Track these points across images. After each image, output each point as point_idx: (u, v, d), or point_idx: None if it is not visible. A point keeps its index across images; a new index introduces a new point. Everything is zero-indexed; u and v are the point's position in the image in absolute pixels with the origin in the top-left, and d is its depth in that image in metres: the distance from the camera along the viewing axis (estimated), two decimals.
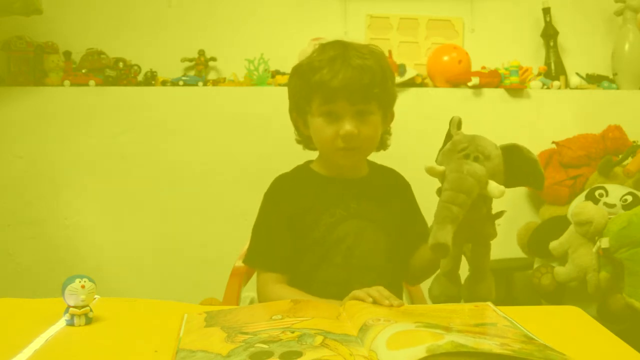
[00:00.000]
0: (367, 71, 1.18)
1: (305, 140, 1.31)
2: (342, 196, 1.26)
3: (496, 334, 0.85)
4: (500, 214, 1.12)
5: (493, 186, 1.04)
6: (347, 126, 1.18)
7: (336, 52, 1.20)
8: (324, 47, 1.23)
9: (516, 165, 1.10)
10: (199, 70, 2.47)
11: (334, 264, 1.23)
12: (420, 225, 1.34)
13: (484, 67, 2.48)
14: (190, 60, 2.47)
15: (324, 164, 1.30)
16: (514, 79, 2.39)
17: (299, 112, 1.28)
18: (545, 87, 2.46)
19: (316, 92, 1.19)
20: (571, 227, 2.03)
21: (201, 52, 2.46)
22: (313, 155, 1.35)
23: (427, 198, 1.35)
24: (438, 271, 1.18)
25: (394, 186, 1.34)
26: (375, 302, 0.98)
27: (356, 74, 1.17)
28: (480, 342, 0.76)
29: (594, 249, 1.96)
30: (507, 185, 1.07)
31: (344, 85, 1.16)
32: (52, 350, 0.84)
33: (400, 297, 1.27)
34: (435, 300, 1.17)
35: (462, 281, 1.17)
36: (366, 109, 1.20)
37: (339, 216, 1.24)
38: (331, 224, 1.23)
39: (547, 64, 2.54)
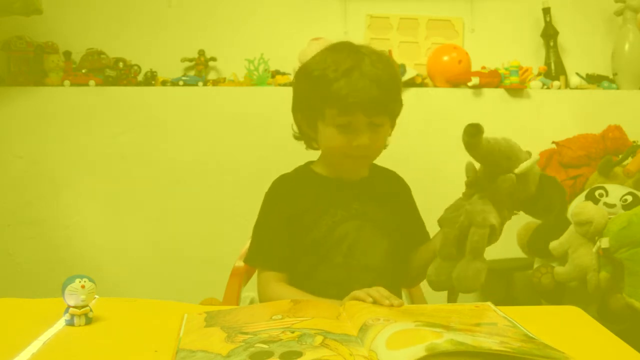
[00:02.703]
0: (384, 85, 1.18)
1: (307, 139, 1.31)
2: (343, 197, 1.26)
3: (496, 333, 0.85)
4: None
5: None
6: (363, 139, 1.19)
7: (352, 62, 1.17)
8: (337, 56, 1.20)
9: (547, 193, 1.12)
10: (199, 70, 2.47)
11: (335, 264, 1.23)
12: (419, 227, 1.34)
13: (484, 67, 2.48)
14: (190, 60, 2.47)
15: (326, 165, 1.30)
16: (514, 79, 2.39)
17: (306, 116, 1.27)
18: (545, 87, 2.46)
19: (332, 103, 1.18)
20: (571, 227, 2.03)
21: (201, 52, 2.47)
22: (314, 155, 1.34)
23: (427, 198, 1.36)
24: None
25: (394, 188, 1.35)
26: (375, 302, 0.98)
27: (374, 88, 1.16)
28: (480, 341, 0.76)
29: (594, 249, 1.96)
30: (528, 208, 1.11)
31: (362, 100, 1.16)
32: (52, 350, 0.84)
33: (400, 297, 1.27)
34: (433, 284, 1.16)
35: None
36: (379, 121, 1.20)
37: (340, 217, 1.24)
38: (332, 224, 1.24)
39: (547, 64, 2.54)
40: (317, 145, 1.29)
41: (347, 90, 1.15)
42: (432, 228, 1.31)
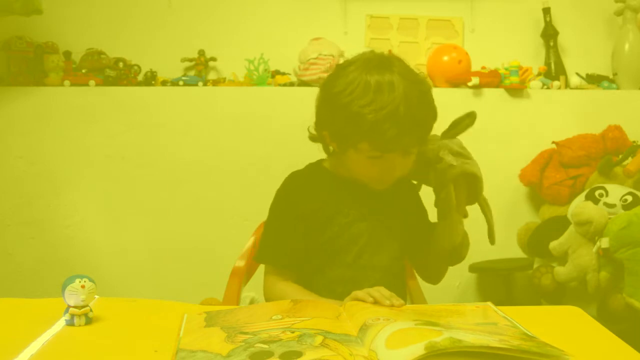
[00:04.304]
0: (425, 122, 1.16)
1: (325, 146, 1.28)
2: (356, 197, 1.25)
3: (496, 332, 0.85)
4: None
5: None
6: (397, 171, 1.18)
7: (395, 102, 1.10)
8: (378, 92, 1.11)
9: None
10: (199, 70, 2.47)
11: (344, 263, 1.23)
12: (428, 227, 1.34)
13: (484, 67, 2.48)
14: (190, 60, 2.47)
15: (342, 167, 1.26)
16: (514, 79, 2.39)
17: (335, 140, 1.21)
18: (545, 87, 2.46)
19: (370, 142, 1.13)
20: (571, 227, 2.03)
21: (201, 52, 2.46)
22: (314, 155, 1.34)
23: (427, 198, 1.36)
24: None
25: (403, 188, 1.34)
26: (376, 302, 0.98)
27: (416, 129, 1.14)
28: (479, 338, 0.76)
29: (594, 249, 1.96)
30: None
31: (403, 144, 1.14)
32: (52, 350, 0.84)
33: (404, 298, 1.28)
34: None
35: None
36: (412, 150, 1.18)
37: (353, 217, 1.23)
38: (345, 224, 1.23)
39: (547, 64, 2.54)
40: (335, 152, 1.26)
41: (390, 135, 1.10)
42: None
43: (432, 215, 1.32)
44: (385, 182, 1.21)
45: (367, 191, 1.25)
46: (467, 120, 1.27)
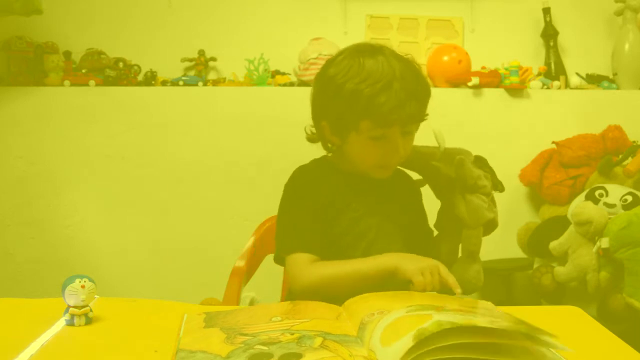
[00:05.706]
0: (420, 96, 1.17)
1: (325, 143, 1.28)
2: (363, 192, 1.25)
3: (487, 314, 0.85)
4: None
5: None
6: (399, 151, 1.18)
7: (389, 76, 1.14)
8: (371, 68, 1.15)
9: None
10: (199, 70, 2.47)
11: (353, 258, 1.22)
12: (426, 231, 1.35)
13: (484, 67, 2.48)
14: (190, 60, 2.47)
15: (349, 163, 1.26)
16: (514, 79, 2.39)
17: (335, 125, 1.22)
18: (545, 87, 2.46)
19: (369, 117, 1.14)
20: (571, 227, 2.03)
21: (201, 52, 2.47)
22: (315, 154, 1.34)
23: (426, 199, 1.36)
24: None
25: (408, 187, 1.34)
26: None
27: (413, 102, 1.14)
28: (468, 319, 0.75)
29: (594, 249, 1.96)
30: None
31: (402, 115, 1.14)
32: (52, 350, 0.84)
33: None
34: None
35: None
36: (411, 129, 1.20)
37: (362, 212, 1.23)
38: (354, 219, 1.23)
39: (547, 64, 2.54)
40: (336, 147, 1.26)
41: (388, 107, 1.12)
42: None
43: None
44: (388, 166, 1.21)
45: (374, 186, 1.25)
46: (494, 181, 1.26)
